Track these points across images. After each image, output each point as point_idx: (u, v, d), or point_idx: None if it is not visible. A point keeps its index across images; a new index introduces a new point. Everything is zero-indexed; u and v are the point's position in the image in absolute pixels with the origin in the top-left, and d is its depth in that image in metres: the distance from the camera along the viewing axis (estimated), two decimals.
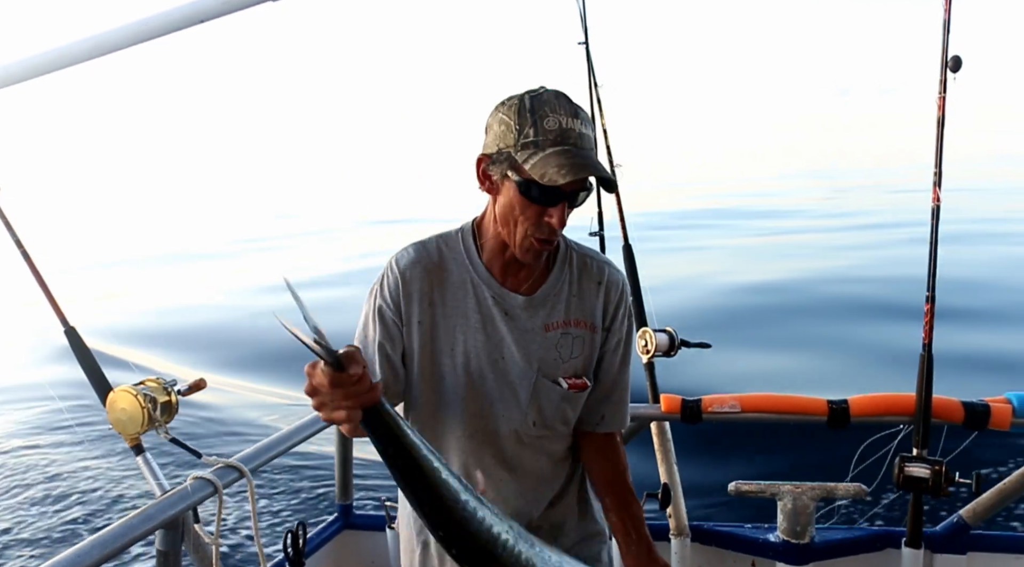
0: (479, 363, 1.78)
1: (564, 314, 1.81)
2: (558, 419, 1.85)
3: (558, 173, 1.57)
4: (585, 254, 1.89)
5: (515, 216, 1.67)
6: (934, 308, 2.61)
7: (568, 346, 1.81)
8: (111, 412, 2.33)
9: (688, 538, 2.91)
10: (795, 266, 13.72)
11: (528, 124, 1.61)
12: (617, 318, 1.87)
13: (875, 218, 18.41)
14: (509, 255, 1.76)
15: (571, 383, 1.82)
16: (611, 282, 1.87)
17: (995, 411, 2.66)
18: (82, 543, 1.85)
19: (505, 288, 1.79)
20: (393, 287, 1.78)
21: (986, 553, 2.83)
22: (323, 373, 1.36)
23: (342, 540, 3.17)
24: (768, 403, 2.79)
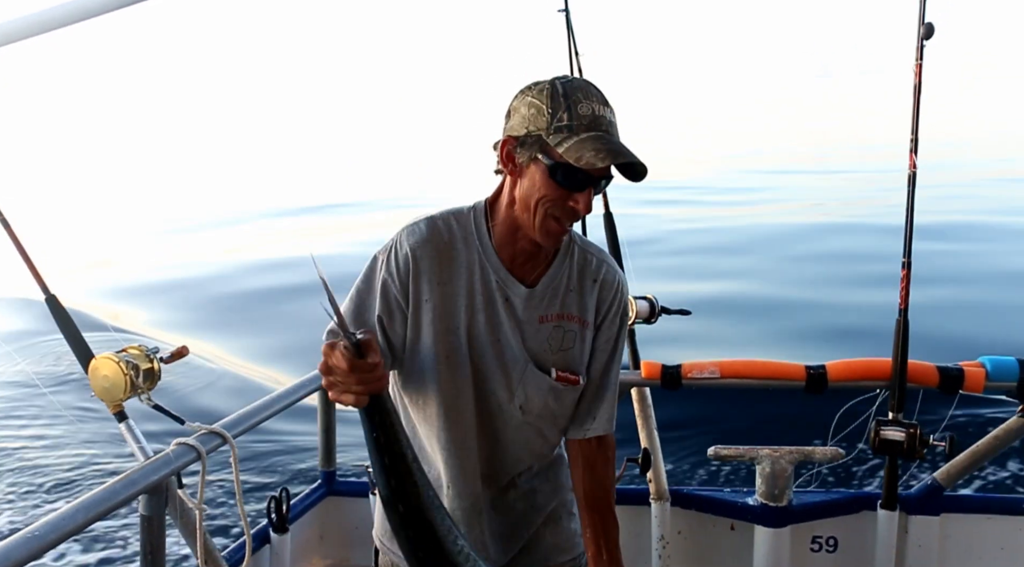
0: (480, 342, 1.78)
1: (560, 307, 1.81)
2: (545, 413, 1.85)
3: (596, 157, 1.57)
4: (586, 250, 1.88)
5: (538, 199, 1.66)
6: (910, 274, 2.64)
7: (559, 339, 1.81)
8: (93, 379, 2.33)
9: (668, 502, 2.95)
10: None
11: (562, 108, 1.61)
12: (610, 316, 1.87)
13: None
14: (520, 242, 1.75)
15: (560, 375, 1.81)
16: (606, 281, 1.86)
17: (969, 375, 2.70)
18: (66, 507, 1.85)
19: (512, 276, 1.79)
20: (403, 265, 1.76)
21: (959, 514, 2.89)
22: (342, 356, 1.40)
23: (325, 507, 3.19)
24: (746, 369, 2.82)
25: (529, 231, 1.71)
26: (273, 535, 2.80)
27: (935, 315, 7.78)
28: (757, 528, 2.85)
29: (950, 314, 8.62)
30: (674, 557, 2.99)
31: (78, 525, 1.83)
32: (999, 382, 2.71)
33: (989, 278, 11.13)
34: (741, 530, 2.94)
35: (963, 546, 2.90)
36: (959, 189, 18.62)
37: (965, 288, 10.40)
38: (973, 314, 9.27)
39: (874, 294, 8.51)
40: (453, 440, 1.83)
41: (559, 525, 1.99)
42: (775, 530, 2.82)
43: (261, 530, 2.80)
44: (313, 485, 3.25)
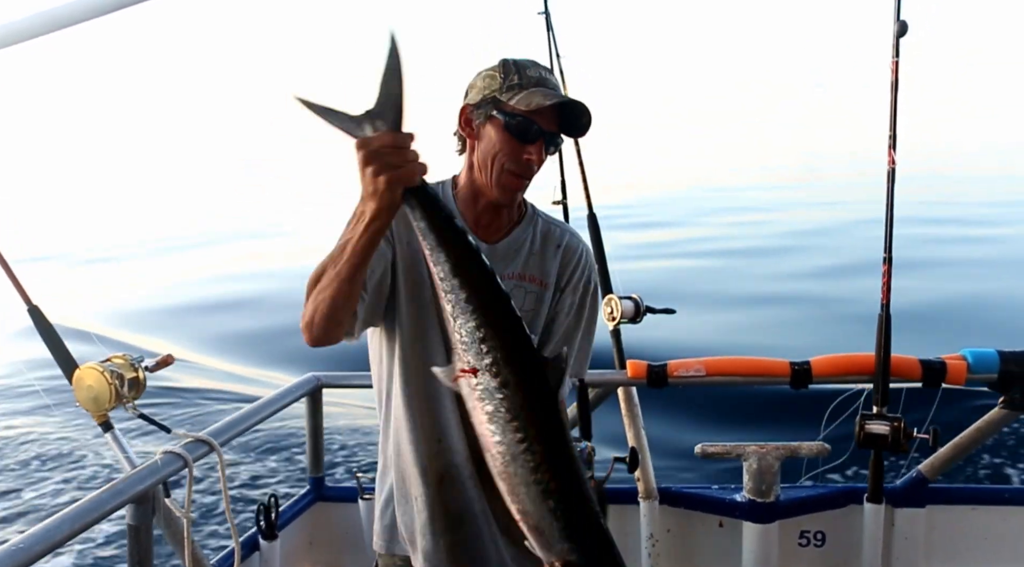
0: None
1: (521, 268, 1.90)
2: None
3: (544, 98, 1.73)
4: (551, 222, 1.98)
5: (495, 153, 1.78)
6: (891, 269, 2.66)
7: (520, 299, 1.87)
8: (78, 390, 2.32)
9: (657, 500, 2.96)
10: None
11: (512, 72, 1.79)
12: (572, 282, 1.93)
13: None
14: (482, 204, 1.86)
15: None
16: (569, 246, 1.95)
17: (951, 368, 2.73)
18: (52, 518, 1.85)
19: (475, 236, 1.80)
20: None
21: (944, 505, 2.92)
22: (386, 134, 1.38)
23: (314, 513, 3.18)
24: (732, 366, 2.84)
25: (486, 189, 1.83)
26: (262, 542, 2.79)
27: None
28: (745, 524, 2.87)
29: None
30: (663, 555, 3.00)
31: (64, 536, 1.82)
32: (980, 374, 2.74)
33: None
34: (730, 527, 2.95)
35: (948, 537, 2.92)
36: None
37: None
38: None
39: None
40: (433, 394, 1.85)
41: None
42: (763, 526, 2.84)
43: (250, 537, 2.79)
44: (302, 491, 3.25)
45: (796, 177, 26.46)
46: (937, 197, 17.55)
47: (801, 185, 24.08)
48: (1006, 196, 19.46)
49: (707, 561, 3.05)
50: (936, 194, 18.07)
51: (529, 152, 1.78)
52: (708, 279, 12.03)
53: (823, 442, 2.85)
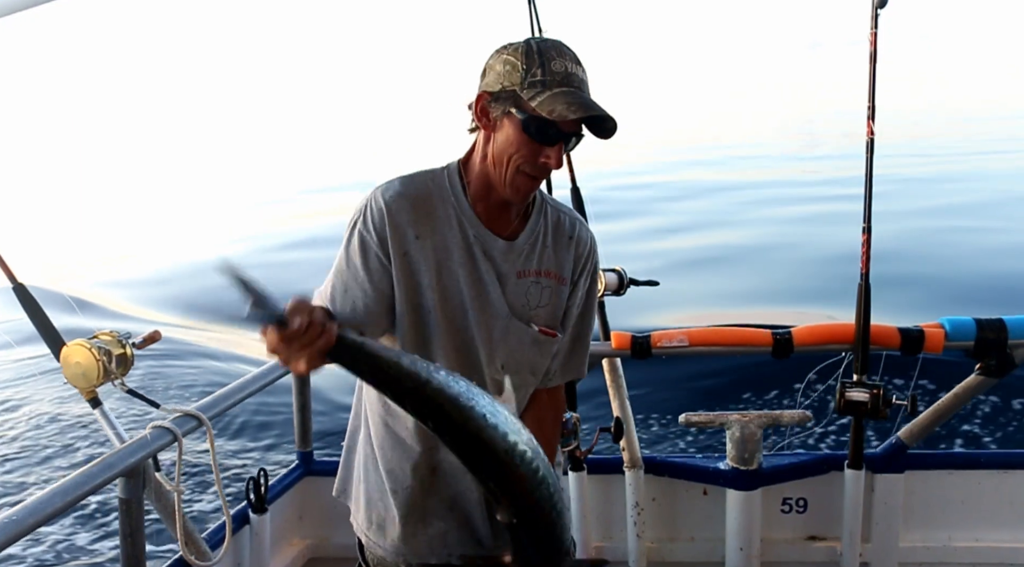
0: (460, 299, 1.78)
1: (537, 264, 1.83)
2: (526, 366, 1.86)
3: (567, 109, 1.62)
4: (559, 209, 1.92)
5: (511, 153, 1.69)
6: (870, 239, 2.70)
7: (537, 295, 1.83)
8: (65, 367, 2.33)
9: (641, 470, 3.00)
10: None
11: (536, 64, 1.65)
12: (584, 274, 1.90)
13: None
14: (495, 198, 1.77)
15: (541, 328, 1.83)
16: (581, 238, 1.89)
17: (929, 336, 2.77)
18: (43, 491, 1.87)
19: (489, 231, 1.80)
20: (378, 219, 1.75)
21: (922, 471, 2.97)
22: (271, 333, 1.38)
23: (303, 487, 3.21)
24: (714, 337, 2.87)
25: (499, 186, 1.73)
26: (252, 515, 2.82)
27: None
28: (729, 492, 2.92)
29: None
30: (649, 523, 3.05)
31: (56, 508, 1.84)
32: (958, 342, 2.78)
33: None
34: (713, 494, 3.00)
35: (926, 501, 2.98)
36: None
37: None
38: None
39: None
40: None
41: None
42: (746, 493, 2.89)
43: (240, 511, 2.82)
44: (291, 466, 3.27)
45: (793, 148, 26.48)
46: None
47: (797, 156, 24.10)
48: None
49: (692, 528, 3.10)
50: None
51: (547, 155, 1.68)
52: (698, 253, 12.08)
53: (804, 410, 2.89)
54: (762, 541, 2.94)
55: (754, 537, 2.91)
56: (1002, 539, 2.98)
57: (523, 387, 1.89)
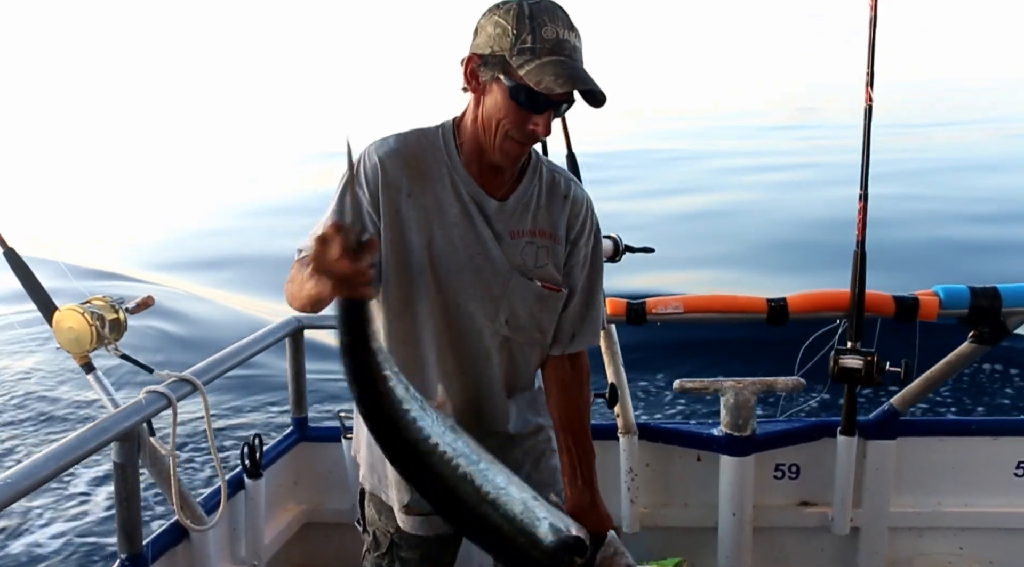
0: (456, 257, 1.77)
1: (531, 223, 1.82)
2: (532, 322, 1.85)
3: (555, 82, 1.59)
4: (554, 170, 1.90)
5: (499, 118, 1.67)
6: (867, 206, 2.69)
7: (533, 254, 1.82)
8: (58, 332, 2.33)
9: (636, 436, 3.01)
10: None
11: (526, 30, 1.62)
12: (584, 233, 1.88)
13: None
14: (486, 159, 1.76)
15: (545, 284, 1.83)
16: (576, 198, 1.88)
17: (924, 303, 2.78)
18: (37, 455, 1.86)
19: (482, 190, 1.79)
20: (371, 175, 1.74)
21: (914, 437, 2.99)
22: (345, 246, 1.36)
23: (298, 452, 3.22)
24: (710, 303, 2.88)
25: (488, 150, 1.73)
26: (247, 481, 2.82)
27: None
28: (723, 458, 2.93)
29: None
30: (643, 489, 3.07)
31: (50, 472, 1.84)
32: (952, 310, 2.79)
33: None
34: (707, 460, 3.02)
35: (917, 467, 3.01)
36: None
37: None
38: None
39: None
40: (426, 359, 1.83)
41: (540, 462, 2.02)
42: (740, 459, 2.90)
43: (235, 476, 2.83)
44: (286, 432, 3.28)
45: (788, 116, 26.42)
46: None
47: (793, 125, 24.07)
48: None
49: (685, 494, 3.12)
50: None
51: (535, 122, 1.67)
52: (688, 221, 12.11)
53: (798, 377, 2.90)
54: (755, 507, 2.96)
55: (747, 503, 2.94)
56: (990, 504, 3.02)
57: (532, 346, 1.90)
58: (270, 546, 2.98)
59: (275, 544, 3.05)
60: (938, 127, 20.61)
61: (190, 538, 2.54)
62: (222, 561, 2.76)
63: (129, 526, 2.29)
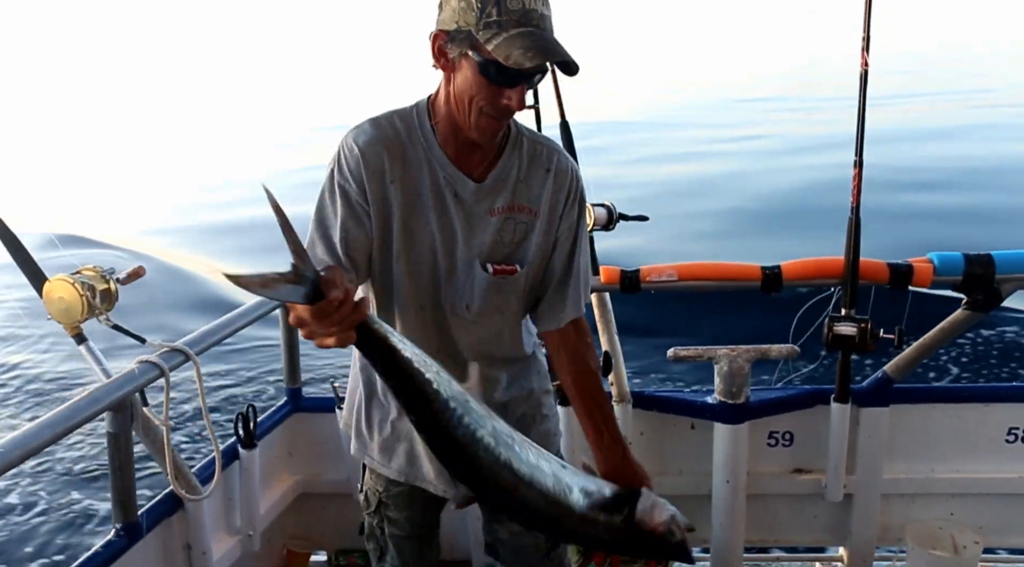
0: (431, 242, 1.78)
1: (510, 199, 1.81)
2: (490, 306, 1.86)
3: (523, 56, 1.55)
4: (536, 141, 1.87)
5: (471, 94, 1.64)
6: (862, 172, 2.68)
7: (510, 231, 1.81)
8: (48, 302, 2.31)
9: (630, 404, 3.01)
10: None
11: (491, 3, 1.57)
12: (567, 204, 1.87)
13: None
14: (462, 137, 1.74)
15: (496, 269, 1.82)
16: (560, 169, 1.85)
17: (918, 271, 2.77)
18: (29, 425, 1.86)
19: (459, 171, 1.77)
20: (354, 166, 1.73)
21: (907, 404, 3.00)
22: (303, 308, 1.35)
23: (292, 423, 3.22)
24: (704, 271, 2.86)
25: (464, 128, 1.70)
26: (242, 451, 2.82)
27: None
28: (716, 426, 2.93)
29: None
30: (637, 456, 3.06)
31: (43, 441, 1.84)
32: (946, 276, 2.79)
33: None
34: (701, 428, 3.02)
35: (910, 434, 3.02)
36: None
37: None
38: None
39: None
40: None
41: (532, 428, 2.03)
42: (733, 427, 2.90)
43: (229, 447, 2.83)
44: (279, 402, 3.28)
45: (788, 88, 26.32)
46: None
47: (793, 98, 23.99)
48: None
49: (679, 462, 3.13)
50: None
51: (508, 97, 1.64)
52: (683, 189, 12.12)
53: (793, 345, 2.90)
54: (748, 474, 2.97)
55: (740, 470, 2.94)
56: (982, 470, 3.03)
57: (501, 325, 1.91)
58: (265, 516, 2.99)
59: (270, 514, 3.06)
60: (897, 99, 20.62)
61: (185, 508, 2.54)
62: (218, 531, 2.77)
63: (124, 496, 2.30)
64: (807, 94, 23.49)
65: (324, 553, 3.35)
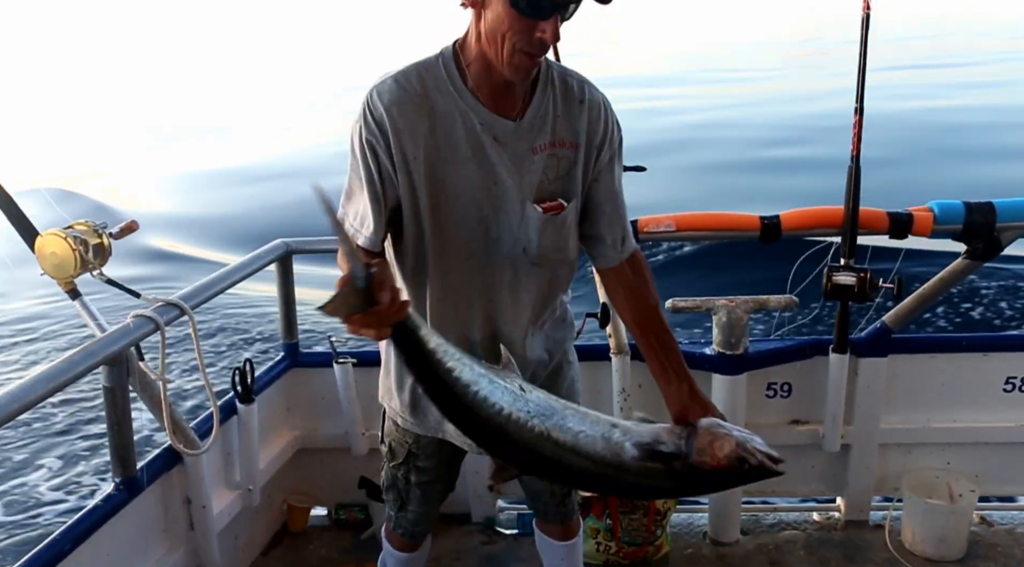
0: (473, 193, 1.74)
1: (551, 135, 1.77)
2: (549, 245, 1.83)
3: None
4: (565, 73, 1.82)
5: (503, 31, 1.58)
6: (862, 120, 2.65)
7: (555, 167, 1.78)
8: (41, 258, 2.29)
9: (628, 356, 3.00)
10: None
11: None
12: (607, 136, 1.83)
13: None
14: (496, 78, 1.68)
15: (545, 206, 1.78)
16: (593, 101, 1.82)
17: (918, 220, 2.75)
18: (25, 379, 1.85)
19: (494, 114, 1.72)
20: (379, 124, 1.69)
21: (905, 355, 3.00)
22: (354, 301, 1.35)
23: (290, 378, 3.21)
24: (702, 221, 2.84)
25: (498, 67, 1.64)
26: (240, 406, 2.82)
27: None
28: (715, 377, 2.93)
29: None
30: (635, 408, 3.07)
31: (39, 396, 1.83)
32: (946, 225, 2.77)
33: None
34: (699, 379, 2.94)
35: (908, 384, 3.02)
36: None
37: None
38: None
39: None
40: (454, 298, 1.82)
41: (559, 375, 2.05)
42: (732, 377, 2.90)
43: (227, 402, 2.82)
44: (277, 358, 3.27)
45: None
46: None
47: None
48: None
49: None
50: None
51: (542, 29, 1.55)
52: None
53: (791, 295, 2.89)
54: (746, 425, 2.97)
55: (738, 421, 2.94)
56: (978, 419, 3.04)
57: (556, 266, 1.88)
58: (265, 471, 3.00)
59: (270, 469, 3.07)
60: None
61: (184, 463, 2.54)
62: (217, 486, 2.78)
63: (122, 450, 2.29)
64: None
65: (324, 508, 3.37)
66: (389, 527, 2.27)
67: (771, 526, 3.21)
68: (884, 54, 13.22)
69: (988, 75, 15.89)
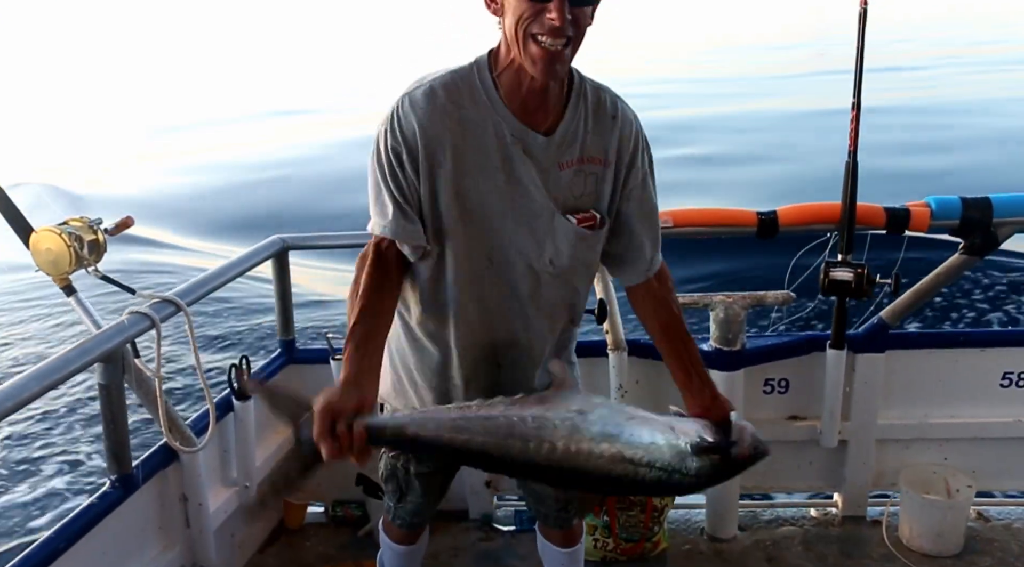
0: (499, 202, 1.73)
1: (580, 151, 1.77)
2: (578, 260, 1.84)
3: None
4: (598, 88, 1.83)
5: (515, 22, 1.59)
6: (859, 115, 2.64)
7: (581, 183, 1.78)
8: (36, 254, 2.28)
9: (625, 352, 3.00)
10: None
11: None
12: (638, 153, 1.83)
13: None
14: (526, 85, 1.68)
15: (580, 218, 1.78)
16: (625, 117, 1.82)
17: (915, 215, 2.75)
18: (20, 376, 1.84)
19: (525, 125, 1.72)
20: (408, 130, 1.69)
21: (902, 350, 3.00)
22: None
23: (286, 375, 3.20)
24: (699, 217, 2.83)
25: (521, 63, 1.64)
26: (236, 403, 2.81)
27: None
28: (712, 373, 2.90)
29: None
30: (632, 405, 3.06)
31: (33, 393, 1.82)
32: (943, 220, 2.77)
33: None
34: None
35: (905, 380, 3.02)
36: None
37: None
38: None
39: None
40: (477, 306, 1.82)
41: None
42: (729, 374, 2.90)
43: (223, 399, 2.81)
44: (273, 354, 3.25)
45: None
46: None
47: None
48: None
49: None
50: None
51: (549, 10, 1.55)
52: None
53: (788, 291, 2.88)
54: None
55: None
56: (975, 414, 3.04)
57: (579, 277, 1.89)
58: (261, 468, 2.99)
59: (266, 466, 3.05)
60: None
61: (180, 460, 2.54)
62: (213, 483, 2.77)
63: (117, 447, 2.29)
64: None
65: (321, 504, 3.37)
66: (387, 519, 2.26)
67: (768, 522, 3.21)
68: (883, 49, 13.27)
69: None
